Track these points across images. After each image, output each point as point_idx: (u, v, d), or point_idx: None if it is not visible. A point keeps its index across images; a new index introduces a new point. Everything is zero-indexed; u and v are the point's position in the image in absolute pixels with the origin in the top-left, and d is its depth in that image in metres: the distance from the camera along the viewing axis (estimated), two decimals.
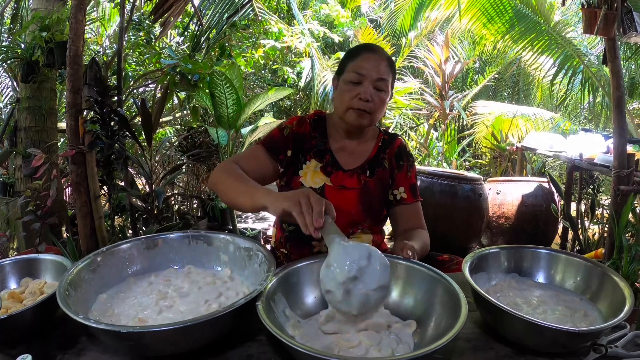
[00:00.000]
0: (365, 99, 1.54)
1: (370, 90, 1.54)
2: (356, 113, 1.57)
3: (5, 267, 1.21)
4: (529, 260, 1.28)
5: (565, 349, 1.00)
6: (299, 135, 1.67)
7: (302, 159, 1.65)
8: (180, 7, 3.06)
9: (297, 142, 1.66)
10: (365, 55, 1.59)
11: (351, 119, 1.58)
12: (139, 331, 0.84)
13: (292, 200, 1.10)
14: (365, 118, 1.58)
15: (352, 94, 1.56)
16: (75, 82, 2.47)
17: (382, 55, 1.60)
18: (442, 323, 0.98)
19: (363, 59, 1.58)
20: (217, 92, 3.88)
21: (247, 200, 1.28)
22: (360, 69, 1.56)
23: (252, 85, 6.52)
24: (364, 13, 8.66)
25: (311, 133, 1.68)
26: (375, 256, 1.04)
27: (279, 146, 1.64)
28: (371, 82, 1.55)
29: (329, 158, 1.66)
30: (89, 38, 5.90)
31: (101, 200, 2.76)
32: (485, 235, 4.45)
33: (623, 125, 2.90)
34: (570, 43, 6.13)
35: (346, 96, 1.57)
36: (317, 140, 1.68)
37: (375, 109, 1.58)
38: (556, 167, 7.08)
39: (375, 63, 1.56)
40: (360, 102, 1.55)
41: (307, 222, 1.06)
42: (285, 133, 1.65)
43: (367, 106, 1.55)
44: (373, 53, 1.60)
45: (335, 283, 0.99)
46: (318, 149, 1.67)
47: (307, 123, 1.69)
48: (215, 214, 4.58)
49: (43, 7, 3.66)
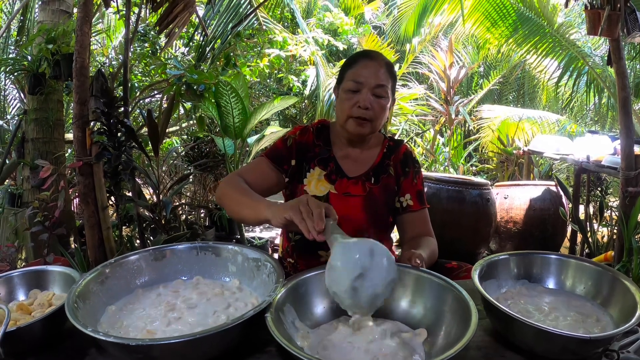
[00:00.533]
0: (365, 106, 1.53)
1: (369, 98, 1.54)
2: (356, 122, 1.56)
3: (13, 278, 1.21)
4: (538, 266, 1.27)
5: (577, 355, 0.99)
6: (302, 144, 1.67)
7: (306, 167, 1.66)
8: (185, 17, 3.08)
9: (300, 151, 1.66)
10: (363, 62, 1.59)
11: (351, 127, 1.58)
12: (148, 344, 0.84)
13: (293, 209, 1.12)
14: (366, 126, 1.57)
15: (351, 103, 1.55)
16: (81, 93, 2.49)
17: (380, 62, 1.59)
18: (452, 332, 0.98)
19: (361, 66, 1.58)
20: (222, 102, 3.90)
21: (252, 213, 1.31)
22: (358, 77, 1.56)
23: (257, 95, 6.53)
24: (368, 20, 8.69)
25: (315, 141, 1.68)
26: (379, 251, 1.02)
27: (282, 157, 1.64)
28: (370, 90, 1.54)
29: (333, 166, 1.66)
30: (95, 50, 5.96)
31: (109, 210, 2.77)
32: (494, 241, 4.43)
33: (630, 126, 2.88)
34: (575, 45, 6.11)
35: (345, 105, 1.57)
36: (320, 148, 1.68)
37: (376, 116, 1.57)
38: (563, 170, 7.04)
39: (373, 70, 1.56)
40: (359, 110, 1.54)
41: (308, 227, 1.07)
42: (289, 143, 1.66)
43: (367, 114, 1.54)
44: (370, 60, 1.59)
45: (342, 283, 0.98)
46: (322, 157, 1.67)
47: (311, 132, 1.70)
48: (222, 223, 4.59)
49: (49, 19, 3.69)
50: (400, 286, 1.12)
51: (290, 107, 6.65)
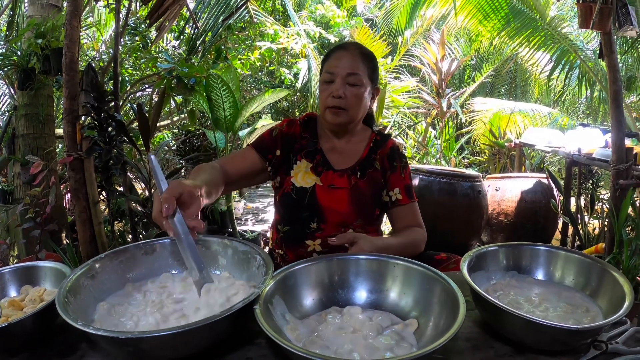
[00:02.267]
0: (337, 95, 1.57)
1: (342, 87, 1.57)
2: (331, 111, 1.60)
3: (4, 275, 1.20)
4: (527, 258, 1.28)
5: (565, 346, 0.99)
6: (289, 135, 1.70)
7: (292, 159, 1.69)
8: (175, 11, 3.06)
9: (286, 142, 1.69)
10: (336, 53, 1.63)
11: (329, 117, 1.62)
12: (138, 337, 0.84)
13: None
14: (341, 115, 1.61)
15: (326, 93, 1.60)
16: (71, 88, 2.47)
17: (353, 51, 1.63)
18: (441, 323, 0.98)
19: (334, 57, 1.62)
20: (214, 95, 3.88)
21: None
22: (331, 68, 1.60)
23: (249, 88, 6.52)
24: (360, 12, 8.67)
25: (301, 134, 1.72)
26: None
27: (267, 146, 1.67)
28: (342, 79, 1.58)
29: (320, 158, 1.68)
30: (85, 44, 5.91)
31: (100, 205, 2.76)
32: (486, 233, 4.45)
33: (621, 119, 2.90)
34: (567, 38, 6.13)
35: (322, 96, 1.62)
36: (307, 140, 1.71)
37: (350, 105, 1.60)
38: (555, 162, 7.08)
39: (346, 60, 1.59)
40: (333, 99, 1.58)
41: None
42: (274, 134, 1.69)
43: (341, 102, 1.58)
44: (343, 50, 1.63)
45: None
46: (309, 149, 1.69)
47: (297, 124, 1.73)
48: (215, 217, 4.59)
49: (38, 14, 3.66)
50: (389, 278, 1.13)
51: (282, 100, 6.65)
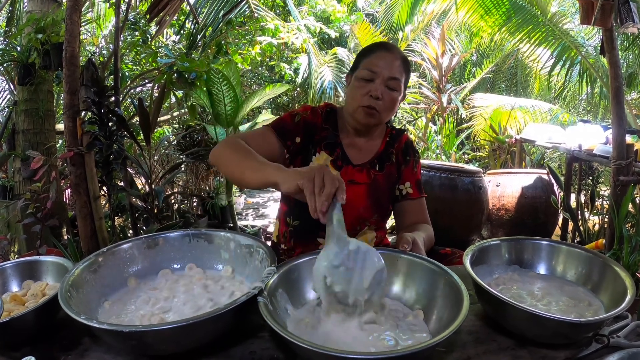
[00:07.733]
0: (376, 96, 1.51)
1: (381, 88, 1.52)
2: (365, 111, 1.54)
3: (6, 269, 1.20)
4: (530, 252, 1.28)
5: (567, 339, 1.00)
6: (311, 124, 1.63)
7: (312, 150, 1.63)
8: (175, 5, 3.05)
9: (308, 131, 1.63)
10: (379, 53, 1.57)
11: (360, 116, 1.56)
12: (142, 330, 0.84)
13: (307, 178, 1.03)
14: (374, 117, 1.55)
15: (363, 91, 1.53)
16: (72, 83, 2.46)
17: (396, 54, 1.57)
18: (444, 316, 0.98)
19: (377, 56, 1.56)
20: (214, 90, 3.88)
21: (256, 176, 1.22)
22: (373, 67, 1.53)
23: (249, 82, 6.51)
24: (360, 8, 8.65)
25: (322, 124, 1.65)
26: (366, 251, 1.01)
27: (288, 131, 1.59)
28: (383, 81, 1.52)
29: (339, 152, 1.64)
30: (85, 39, 5.88)
31: (101, 200, 2.76)
32: (486, 228, 4.45)
33: (621, 115, 2.89)
34: (568, 34, 6.12)
35: (357, 93, 1.55)
36: (328, 132, 1.65)
37: (385, 108, 1.55)
38: (555, 158, 7.08)
39: (389, 61, 1.53)
40: (370, 99, 1.52)
41: (316, 205, 1.00)
42: (297, 119, 1.62)
43: (377, 104, 1.52)
44: (387, 51, 1.57)
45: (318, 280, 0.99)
46: (329, 141, 1.64)
47: (319, 114, 1.66)
48: (215, 212, 4.59)
49: (38, 9, 3.65)
50: (393, 271, 1.13)
51: (282, 95, 6.64)
